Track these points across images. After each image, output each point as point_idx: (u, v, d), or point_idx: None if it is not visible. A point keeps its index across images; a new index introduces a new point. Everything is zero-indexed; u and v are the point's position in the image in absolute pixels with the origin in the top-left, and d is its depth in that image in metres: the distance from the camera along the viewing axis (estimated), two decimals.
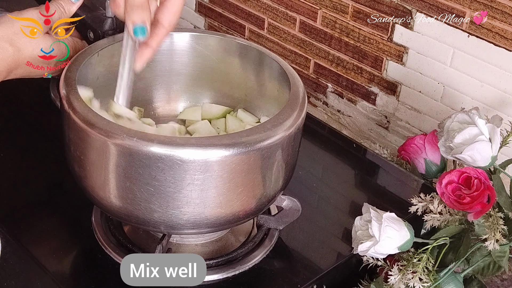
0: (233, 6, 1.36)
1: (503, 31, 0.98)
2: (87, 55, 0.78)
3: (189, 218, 0.71)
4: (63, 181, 0.90)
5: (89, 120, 0.68)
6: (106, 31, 0.85)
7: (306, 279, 0.80)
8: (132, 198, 0.70)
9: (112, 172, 0.69)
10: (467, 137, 0.81)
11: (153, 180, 0.68)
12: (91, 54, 0.78)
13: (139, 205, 0.70)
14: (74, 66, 0.76)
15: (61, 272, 0.79)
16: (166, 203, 0.69)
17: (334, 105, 1.27)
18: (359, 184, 1.01)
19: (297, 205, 0.83)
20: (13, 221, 0.83)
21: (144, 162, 0.66)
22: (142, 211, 0.70)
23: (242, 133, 0.70)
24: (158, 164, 0.66)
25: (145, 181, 0.68)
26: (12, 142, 0.98)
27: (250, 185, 0.72)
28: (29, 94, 1.08)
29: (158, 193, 0.68)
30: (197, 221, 0.71)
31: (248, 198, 0.73)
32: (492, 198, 0.79)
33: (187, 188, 0.68)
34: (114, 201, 0.71)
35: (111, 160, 0.68)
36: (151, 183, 0.68)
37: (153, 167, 0.67)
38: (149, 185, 0.68)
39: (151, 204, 0.69)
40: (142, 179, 0.68)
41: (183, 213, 0.70)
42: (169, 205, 0.69)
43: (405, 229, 0.79)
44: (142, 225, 0.75)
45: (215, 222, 0.73)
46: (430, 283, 0.78)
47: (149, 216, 0.71)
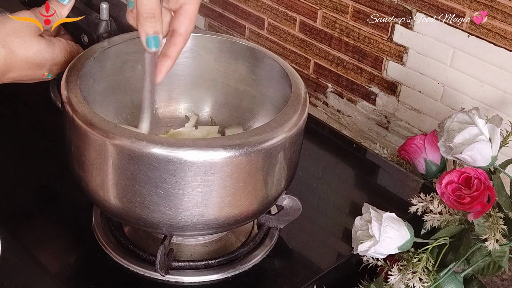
0: (233, 6, 1.36)
1: (503, 31, 0.98)
2: (88, 57, 0.78)
3: (198, 219, 0.71)
4: (63, 181, 0.90)
5: (94, 124, 0.68)
6: (101, 34, 0.84)
7: (306, 279, 0.80)
8: (141, 201, 0.70)
9: (120, 176, 0.69)
10: (467, 137, 0.81)
11: (163, 183, 0.68)
12: (92, 56, 0.78)
13: (148, 208, 0.70)
14: (75, 68, 0.76)
15: (61, 272, 0.79)
16: (176, 205, 0.69)
17: (334, 105, 1.27)
18: (359, 184, 1.01)
19: (298, 204, 0.83)
20: (13, 221, 0.83)
21: (153, 165, 0.66)
22: (151, 214, 0.70)
23: (249, 133, 0.71)
24: (168, 167, 0.66)
25: (155, 184, 0.68)
26: (12, 142, 0.98)
27: (259, 184, 0.72)
28: (29, 94, 1.08)
29: (168, 195, 0.68)
30: (207, 221, 0.72)
31: (256, 197, 0.73)
32: (492, 198, 0.79)
33: (197, 189, 0.68)
34: (121, 204, 0.71)
35: (119, 163, 0.68)
36: (161, 186, 0.68)
37: (163, 170, 0.67)
38: (159, 188, 0.68)
39: (161, 207, 0.69)
40: (151, 182, 0.68)
41: (192, 214, 0.70)
42: (178, 207, 0.69)
43: (405, 229, 0.79)
44: (150, 228, 0.75)
45: (225, 222, 0.73)
46: (430, 283, 0.78)
47: (159, 219, 0.71)
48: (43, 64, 0.77)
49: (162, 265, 0.74)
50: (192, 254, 0.81)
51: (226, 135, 0.86)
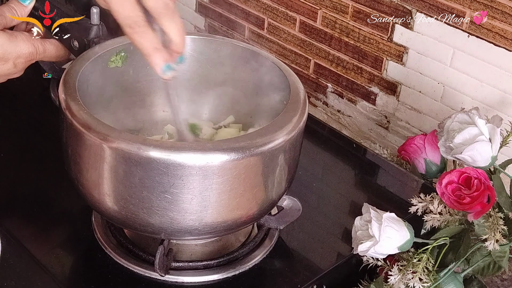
0: (233, 6, 1.36)
1: (503, 31, 0.98)
2: (85, 61, 0.77)
3: (206, 222, 0.71)
4: (63, 181, 0.90)
5: (95, 130, 0.68)
6: (92, 39, 0.83)
7: (306, 279, 0.80)
8: (149, 207, 0.69)
9: (126, 183, 0.69)
10: (467, 137, 0.81)
11: (171, 188, 0.68)
12: (89, 59, 0.78)
13: (156, 213, 0.70)
14: (73, 71, 0.75)
15: (61, 272, 0.79)
16: (184, 210, 0.69)
17: (334, 105, 1.27)
18: (359, 184, 1.01)
19: (298, 205, 0.83)
20: (13, 221, 0.84)
21: (161, 170, 0.66)
22: (158, 219, 0.70)
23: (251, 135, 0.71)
24: (176, 172, 0.66)
25: (163, 189, 0.68)
26: (12, 142, 0.98)
27: (264, 185, 0.72)
28: (29, 94, 1.08)
29: (176, 200, 0.68)
30: (214, 224, 0.72)
31: (261, 198, 0.73)
32: (492, 198, 0.79)
33: (204, 193, 0.68)
34: (125, 211, 0.71)
35: (126, 170, 0.68)
36: (169, 190, 0.68)
37: (171, 175, 0.67)
38: (167, 193, 0.68)
39: (169, 212, 0.69)
40: (159, 187, 0.68)
41: (200, 218, 0.70)
42: (186, 212, 0.70)
43: (405, 229, 0.79)
44: (155, 235, 0.74)
45: (232, 225, 0.73)
46: (430, 283, 0.78)
47: (167, 224, 0.71)
48: (7, 57, 0.76)
49: (161, 265, 0.74)
50: (191, 254, 0.81)
51: (230, 138, 0.86)
